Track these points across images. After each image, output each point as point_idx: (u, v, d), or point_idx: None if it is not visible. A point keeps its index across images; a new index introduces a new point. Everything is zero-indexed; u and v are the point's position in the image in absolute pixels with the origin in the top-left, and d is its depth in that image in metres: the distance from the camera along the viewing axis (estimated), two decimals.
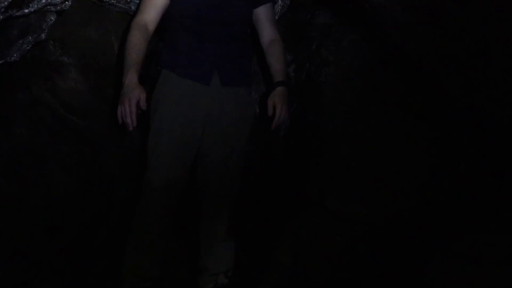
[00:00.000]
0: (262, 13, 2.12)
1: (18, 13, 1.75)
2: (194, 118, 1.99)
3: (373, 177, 2.45)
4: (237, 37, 2.06)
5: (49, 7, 1.93)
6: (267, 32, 2.13)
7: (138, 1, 2.16)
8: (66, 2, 1.95)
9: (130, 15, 2.34)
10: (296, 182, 2.75)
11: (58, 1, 1.89)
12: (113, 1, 2.26)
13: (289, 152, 2.85)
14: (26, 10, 1.77)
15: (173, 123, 1.96)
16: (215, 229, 2.17)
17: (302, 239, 2.53)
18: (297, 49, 2.75)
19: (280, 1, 2.65)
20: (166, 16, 2.02)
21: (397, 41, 1.74)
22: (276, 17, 2.70)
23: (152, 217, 2.01)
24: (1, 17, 1.59)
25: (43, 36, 2.21)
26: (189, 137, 1.99)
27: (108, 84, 2.52)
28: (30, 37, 2.13)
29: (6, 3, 1.52)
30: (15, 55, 2.15)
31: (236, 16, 2.02)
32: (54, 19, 2.19)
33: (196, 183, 2.16)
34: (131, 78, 1.79)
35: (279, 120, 2.02)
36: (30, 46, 2.19)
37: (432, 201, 2.29)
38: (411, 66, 2.01)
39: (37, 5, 1.79)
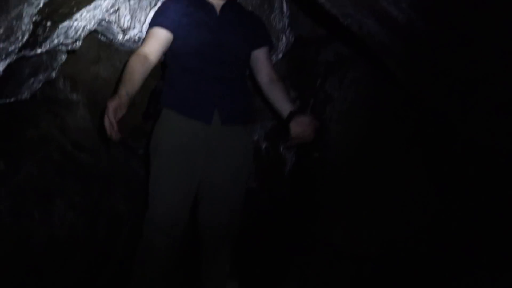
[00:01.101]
0: (261, 54, 2.18)
1: (31, 53, 1.80)
2: (194, 158, 1.99)
3: (380, 216, 2.42)
4: (237, 76, 2.11)
5: (60, 46, 1.98)
6: (266, 72, 2.16)
7: None
8: (77, 42, 2.01)
9: None
10: (302, 220, 2.72)
11: (69, 41, 1.94)
12: (122, 40, 2.32)
13: (294, 189, 2.84)
14: (39, 50, 1.81)
15: (173, 163, 1.96)
16: (217, 269, 2.14)
17: (308, 278, 2.48)
18: (302, 85, 2.80)
19: (284, 39, 2.73)
20: (168, 54, 2.08)
21: (401, 78, 1.77)
22: (281, 54, 2.78)
23: (154, 258, 1.99)
24: (15, 57, 1.62)
25: (53, 74, 2.27)
26: (189, 176, 1.99)
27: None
28: (41, 76, 2.18)
29: (20, 43, 1.57)
30: (25, 93, 2.20)
31: (236, 56, 2.08)
32: (65, 58, 2.25)
33: (196, 222, 2.14)
34: (117, 93, 1.79)
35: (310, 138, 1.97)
36: (40, 84, 2.24)
37: (440, 240, 2.25)
38: (414, 102, 2.02)
39: (49, 45, 1.84)
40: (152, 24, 2.04)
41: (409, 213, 2.35)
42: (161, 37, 1.99)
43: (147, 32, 2.06)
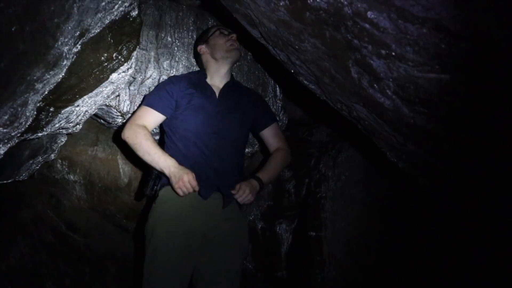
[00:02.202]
0: (268, 133, 2.28)
1: (32, 137, 1.83)
2: (192, 240, 1.95)
3: None
4: (234, 156, 2.15)
5: (61, 130, 2.02)
6: (274, 146, 2.27)
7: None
8: (78, 126, 2.06)
9: None
10: None
11: (70, 125, 1.99)
12: (121, 123, 2.38)
13: (291, 268, 2.77)
14: (40, 134, 1.85)
15: (171, 245, 1.91)
16: None
17: None
18: (297, 165, 2.84)
19: (278, 120, 2.82)
20: (166, 131, 2.12)
21: (391, 158, 1.82)
22: None
23: None
24: (16, 140, 1.66)
25: (52, 156, 2.30)
26: (186, 260, 1.93)
27: (111, 202, 2.56)
28: (40, 158, 2.22)
29: (23, 129, 1.61)
30: (23, 174, 2.21)
31: (233, 140, 2.13)
32: (64, 141, 2.30)
33: None
34: (172, 163, 1.92)
35: (242, 197, 2.01)
36: (39, 166, 2.27)
37: None
38: (407, 182, 2.06)
39: (50, 129, 1.88)
40: (147, 103, 2.06)
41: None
42: (155, 119, 2.06)
43: (141, 108, 2.06)
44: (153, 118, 2.05)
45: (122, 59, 1.94)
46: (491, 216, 1.73)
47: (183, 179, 1.87)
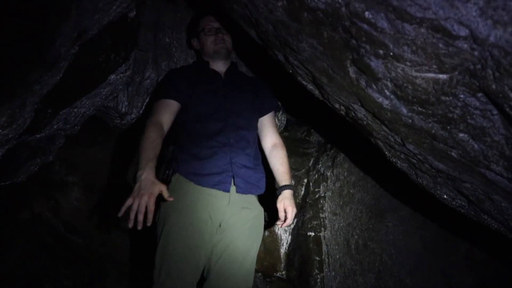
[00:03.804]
0: (267, 120, 2.23)
1: (31, 138, 1.83)
2: (207, 230, 1.89)
3: None
4: (249, 143, 2.10)
5: (59, 131, 2.02)
6: (270, 137, 2.20)
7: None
8: (76, 127, 2.05)
9: (135, 137, 2.46)
10: None
11: (68, 127, 1.99)
12: (119, 124, 2.38)
13: (291, 268, 2.77)
14: (38, 135, 1.84)
15: (185, 234, 1.83)
16: None
17: None
18: (295, 165, 2.84)
19: (276, 121, 2.82)
20: (178, 121, 2.05)
21: (389, 158, 1.82)
22: None
23: None
24: (15, 142, 1.66)
25: (50, 158, 2.29)
26: (200, 248, 1.85)
27: (109, 203, 2.55)
28: (38, 159, 2.21)
29: (21, 130, 1.61)
30: (22, 176, 2.21)
31: (246, 120, 2.11)
32: (63, 142, 2.30)
33: None
34: (149, 172, 1.70)
35: (290, 221, 1.98)
36: (37, 167, 2.26)
37: None
38: (405, 182, 2.06)
39: (49, 130, 1.88)
40: (161, 95, 2.02)
41: None
42: (171, 108, 2.00)
43: (155, 102, 2.02)
44: (169, 109, 1.99)
45: (120, 60, 1.94)
46: (490, 215, 1.73)
47: (143, 197, 1.62)
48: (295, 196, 2.67)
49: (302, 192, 2.82)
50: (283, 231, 2.80)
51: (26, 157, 2.16)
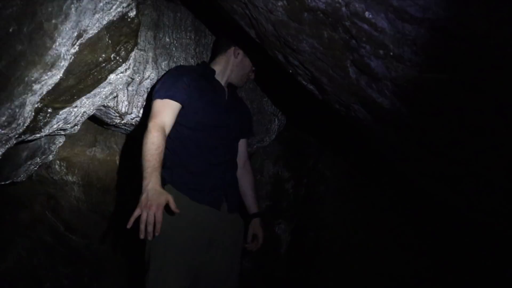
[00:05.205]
0: (243, 143, 2.31)
1: (30, 138, 1.83)
2: (198, 243, 1.91)
3: None
4: (235, 163, 2.19)
5: (59, 131, 2.02)
6: (243, 158, 2.29)
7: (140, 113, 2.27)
8: (76, 127, 2.05)
9: (134, 137, 2.46)
10: None
11: (68, 126, 1.99)
12: (119, 124, 2.38)
13: (291, 268, 2.78)
14: (38, 135, 1.84)
15: (177, 246, 1.84)
16: None
17: None
18: (295, 165, 2.85)
19: (276, 121, 2.82)
20: (176, 125, 1.98)
21: (391, 160, 1.82)
22: (274, 135, 2.86)
23: None
24: (15, 142, 1.66)
25: (50, 157, 2.29)
26: (192, 260, 1.88)
27: (109, 202, 2.55)
28: (38, 159, 2.21)
29: (21, 130, 1.61)
30: (22, 175, 2.21)
31: (236, 138, 2.18)
32: (62, 142, 2.30)
33: None
34: (155, 182, 1.68)
35: (257, 247, 2.21)
36: (37, 167, 2.26)
37: None
38: (405, 182, 2.06)
39: (48, 130, 1.88)
40: (165, 95, 1.94)
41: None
42: (176, 110, 1.94)
43: (159, 100, 1.94)
44: (173, 111, 1.94)
45: (120, 60, 1.94)
46: (490, 214, 1.73)
47: (151, 208, 1.62)
48: (295, 196, 2.69)
49: (302, 192, 2.82)
50: (283, 231, 2.80)
51: (26, 157, 2.16)
